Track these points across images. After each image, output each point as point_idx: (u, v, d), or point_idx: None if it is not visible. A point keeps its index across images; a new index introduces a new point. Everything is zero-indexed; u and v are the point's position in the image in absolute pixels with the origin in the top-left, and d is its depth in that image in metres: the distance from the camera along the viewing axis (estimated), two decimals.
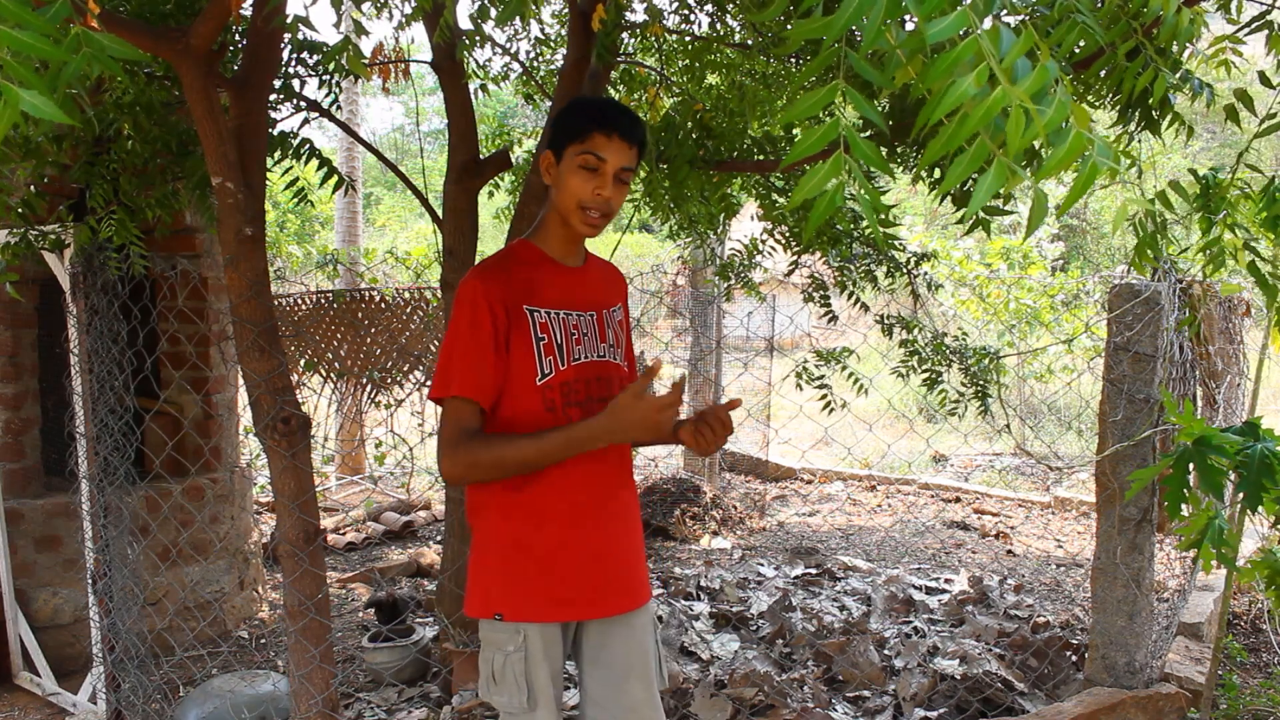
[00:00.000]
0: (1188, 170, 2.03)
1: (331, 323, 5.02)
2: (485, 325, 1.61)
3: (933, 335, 3.72)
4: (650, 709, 1.76)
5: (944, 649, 3.53)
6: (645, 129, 1.69)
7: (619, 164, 1.64)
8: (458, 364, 1.62)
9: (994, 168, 0.92)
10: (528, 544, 1.68)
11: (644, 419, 1.55)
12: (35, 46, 0.95)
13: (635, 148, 1.66)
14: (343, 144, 8.70)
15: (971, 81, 0.89)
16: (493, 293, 1.62)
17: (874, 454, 8.05)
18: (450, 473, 1.63)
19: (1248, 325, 4.31)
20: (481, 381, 1.62)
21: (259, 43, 2.29)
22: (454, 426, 1.61)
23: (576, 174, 1.63)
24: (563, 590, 1.68)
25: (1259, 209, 1.91)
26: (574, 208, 1.65)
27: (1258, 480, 1.65)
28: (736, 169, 3.15)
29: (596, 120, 1.63)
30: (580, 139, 1.63)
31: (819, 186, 0.95)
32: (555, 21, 4.17)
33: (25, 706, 3.32)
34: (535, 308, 1.66)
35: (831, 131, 0.94)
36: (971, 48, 0.89)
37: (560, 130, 1.67)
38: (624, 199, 1.69)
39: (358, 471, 7.48)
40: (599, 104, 1.68)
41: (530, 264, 1.71)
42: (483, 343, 1.61)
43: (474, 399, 1.61)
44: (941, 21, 0.90)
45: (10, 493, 3.53)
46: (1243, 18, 2.00)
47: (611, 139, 1.62)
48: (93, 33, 1.06)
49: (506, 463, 1.60)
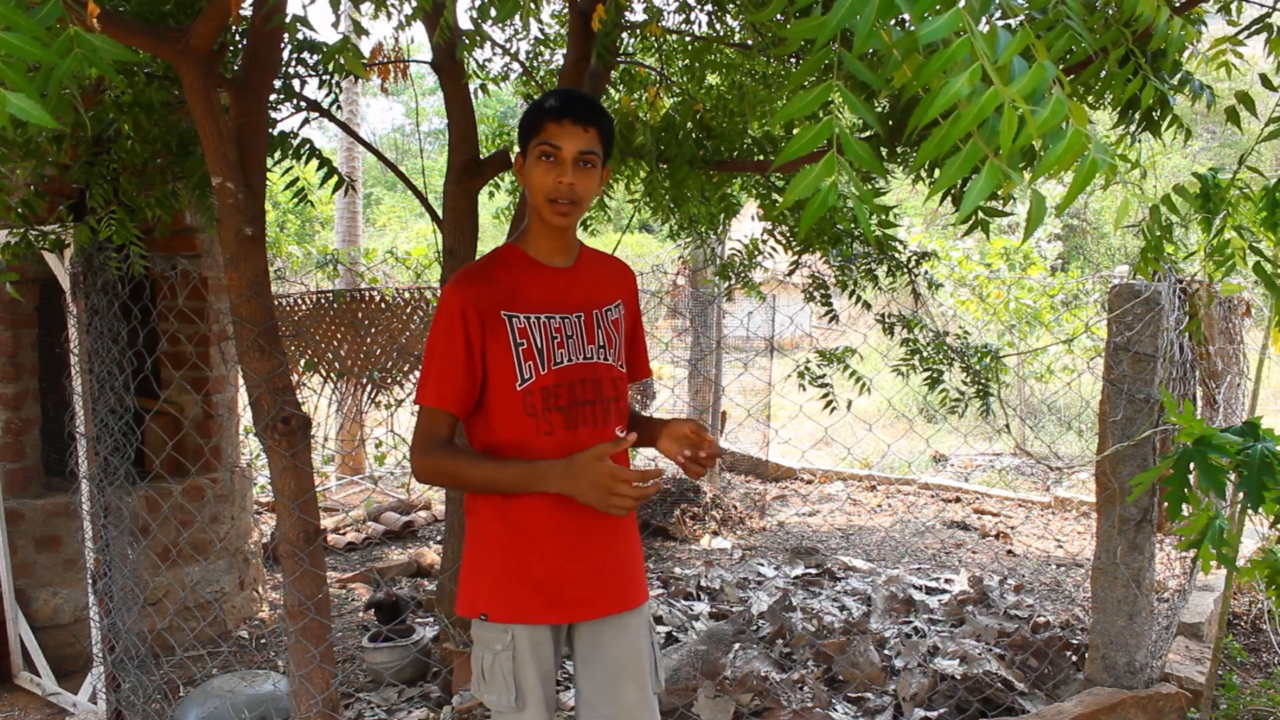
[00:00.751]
0: (1190, 172, 2.03)
1: (331, 323, 5.02)
2: (457, 334, 1.64)
3: (934, 334, 3.72)
4: (644, 710, 1.75)
5: (944, 649, 3.53)
6: (602, 111, 1.67)
7: (576, 149, 1.62)
8: (432, 373, 1.67)
9: (987, 169, 0.91)
10: (515, 545, 1.68)
11: (597, 484, 1.57)
12: (25, 49, 0.94)
13: (592, 130, 1.64)
14: (343, 144, 8.71)
15: (964, 81, 0.88)
16: (468, 301, 1.64)
17: (874, 454, 8.05)
18: (418, 475, 1.70)
19: (1248, 325, 4.31)
20: (451, 391, 1.66)
21: (259, 43, 2.29)
22: (423, 433, 1.67)
23: (537, 166, 1.64)
24: (549, 592, 1.68)
25: (1258, 210, 1.91)
26: (542, 201, 1.65)
27: (1258, 480, 1.65)
28: (736, 169, 3.15)
29: (546, 110, 1.63)
30: (535, 132, 1.64)
31: (811, 187, 0.95)
32: (555, 21, 4.17)
33: (25, 706, 3.32)
34: (514, 313, 1.67)
35: (825, 131, 0.94)
36: (965, 48, 0.89)
37: (521, 130, 1.68)
38: (593, 184, 1.67)
39: (358, 471, 7.48)
40: (549, 96, 1.67)
41: (514, 268, 1.71)
42: (454, 352, 1.64)
43: (443, 408, 1.66)
44: (935, 21, 0.90)
45: (10, 493, 3.53)
46: (1243, 19, 2.00)
47: (563, 125, 1.61)
48: (86, 34, 1.05)
49: (466, 481, 1.67)
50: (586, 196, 1.66)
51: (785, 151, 0.97)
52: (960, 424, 4.49)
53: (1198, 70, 1.96)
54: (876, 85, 0.97)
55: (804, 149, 0.96)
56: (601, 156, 1.67)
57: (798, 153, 0.96)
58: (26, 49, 0.95)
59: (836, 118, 0.93)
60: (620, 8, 2.62)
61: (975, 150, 0.91)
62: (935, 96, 0.90)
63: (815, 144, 0.95)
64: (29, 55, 0.95)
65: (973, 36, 0.89)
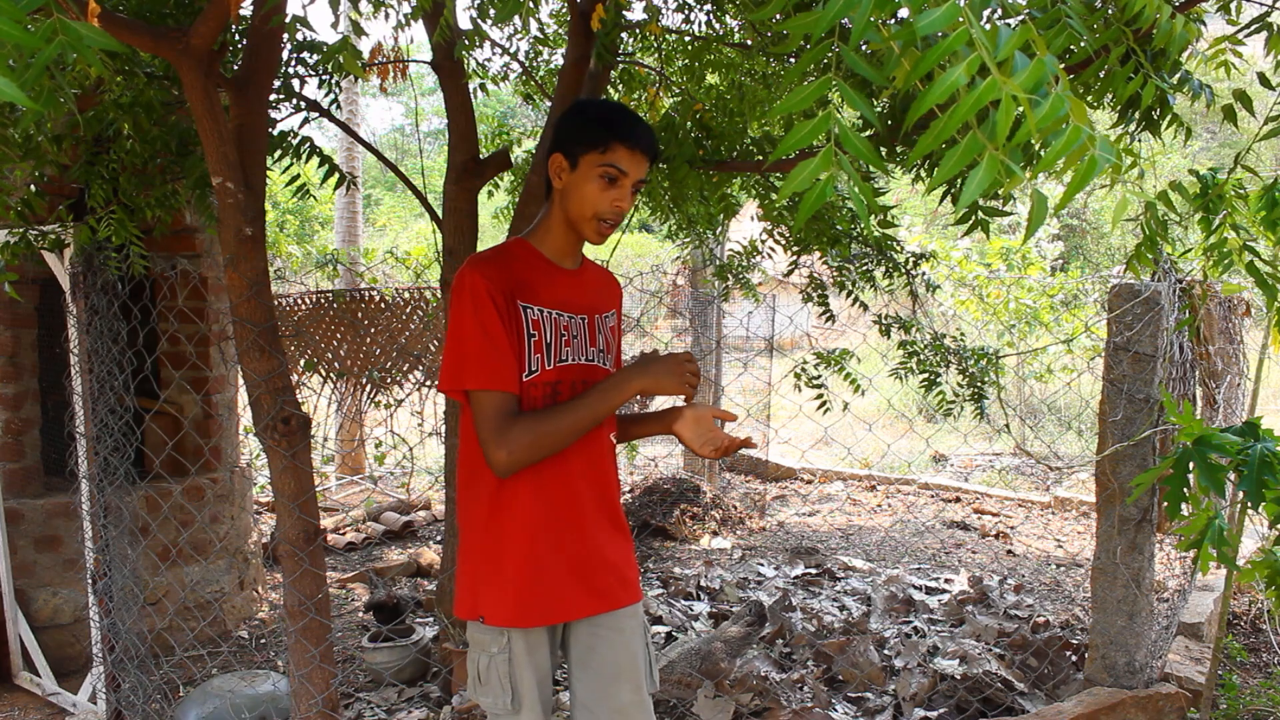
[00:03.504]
0: (1188, 171, 2.03)
1: (331, 323, 5.03)
2: (490, 312, 1.59)
3: (932, 336, 3.72)
4: (639, 711, 1.75)
5: (944, 649, 3.53)
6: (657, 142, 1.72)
7: (637, 176, 1.65)
8: (475, 355, 1.59)
9: (986, 161, 0.90)
10: (508, 548, 1.68)
11: (669, 368, 1.65)
12: (6, 32, 0.94)
13: (650, 159, 1.68)
14: (342, 144, 8.71)
15: (962, 71, 0.88)
16: (493, 283, 1.61)
17: (874, 454, 8.05)
18: (507, 460, 1.58)
19: (1248, 325, 4.31)
20: (507, 369, 1.60)
21: (259, 42, 2.29)
22: (495, 417, 1.58)
23: (594, 183, 1.63)
24: (543, 594, 1.68)
25: (1257, 209, 1.91)
26: (588, 217, 1.65)
27: (1258, 480, 1.65)
28: (736, 169, 3.15)
29: (619, 133, 1.62)
30: (601, 149, 1.62)
31: (809, 179, 0.94)
32: (555, 21, 4.17)
33: (25, 706, 3.32)
34: (528, 304, 1.66)
35: (823, 125, 0.93)
36: (962, 38, 0.88)
37: (576, 135, 1.65)
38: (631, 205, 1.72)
39: (358, 471, 7.48)
40: (619, 113, 1.66)
41: (526, 262, 1.71)
42: (495, 330, 1.59)
43: (506, 389, 1.60)
44: (932, 13, 0.89)
45: (10, 493, 3.53)
46: (1242, 18, 2.00)
47: (634, 153, 1.63)
48: (70, 22, 1.04)
49: (563, 426, 1.61)
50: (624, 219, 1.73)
51: (782, 145, 0.96)
52: (960, 424, 4.49)
53: (1197, 70, 1.96)
54: (875, 80, 0.97)
55: (801, 143, 0.96)
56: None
57: (795, 147, 0.96)
58: (7, 31, 0.94)
59: (835, 113, 0.93)
60: (620, 7, 2.62)
61: (974, 143, 0.90)
62: (934, 87, 0.89)
63: (812, 138, 0.95)
64: (9, 37, 0.94)
65: (971, 26, 0.88)
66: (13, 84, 0.93)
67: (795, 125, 0.95)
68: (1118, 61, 1.58)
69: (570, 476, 1.70)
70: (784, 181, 0.99)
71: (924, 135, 0.92)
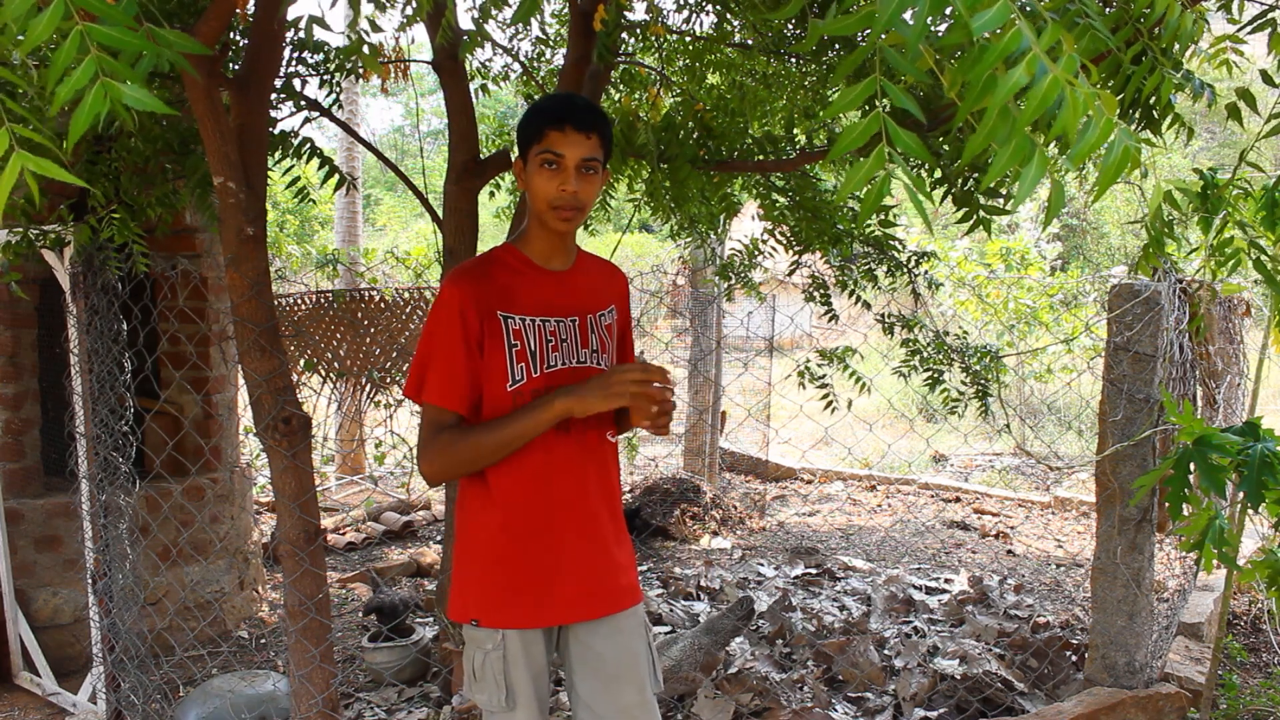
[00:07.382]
0: (1192, 169, 2.03)
1: (331, 323, 5.02)
2: (456, 330, 1.63)
3: (935, 334, 3.72)
4: (643, 711, 1.75)
5: (944, 649, 3.53)
6: (602, 116, 1.67)
7: (578, 156, 1.62)
8: (431, 370, 1.65)
9: (1037, 157, 0.93)
10: (502, 551, 1.68)
11: (597, 384, 1.60)
12: (122, 40, 0.97)
13: (594, 136, 1.63)
14: (343, 144, 8.71)
15: (1023, 70, 0.90)
16: (467, 297, 1.63)
17: (874, 454, 8.05)
18: (428, 471, 1.66)
19: (1248, 325, 4.32)
20: (454, 388, 1.64)
21: (261, 42, 2.29)
22: (429, 430, 1.65)
23: (540, 174, 1.63)
24: (539, 595, 1.68)
25: (1257, 209, 1.91)
26: (545, 208, 1.66)
27: (1258, 480, 1.65)
28: (737, 169, 3.15)
29: (548, 117, 1.62)
30: (537, 139, 1.63)
31: (864, 180, 0.98)
32: (555, 21, 4.17)
33: (25, 706, 3.32)
34: (510, 314, 1.67)
35: (874, 124, 0.96)
36: (1017, 38, 0.90)
37: (521, 135, 1.67)
38: (595, 190, 1.67)
39: (358, 471, 7.48)
40: (550, 100, 1.67)
41: (511, 269, 1.71)
42: (454, 349, 1.63)
43: (447, 406, 1.65)
44: (986, 14, 0.90)
45: (10, 493, 3.52)
46: (1243, 17, 2.00)
47: (565, 133, 1.61)
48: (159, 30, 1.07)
49: (482, 448, 1.63)
50: (588, 202, 1.67)
51: (838, 145, 0.98)
52: (960, 424, 4.49)
53: (1199, 69, 1.96)
54: (921, 80, 0.99)
55: (854, 144, 0.98)
56: (602, 161, 1.67)
57: (850, 146, 0.98)
58: (124, 39, 0.97)
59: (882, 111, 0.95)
60: (621, 8, 2.62)
61: (1024, 141, 0.93)
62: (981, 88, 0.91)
63: (865, 137, 0.97)
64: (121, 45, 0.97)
65: (1023, 26, 0.90)
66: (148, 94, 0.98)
67: (846, 126, 0.98)
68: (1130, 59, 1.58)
69: (567, 479, 1.70)
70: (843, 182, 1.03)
71: (974, 135, 0.95)
